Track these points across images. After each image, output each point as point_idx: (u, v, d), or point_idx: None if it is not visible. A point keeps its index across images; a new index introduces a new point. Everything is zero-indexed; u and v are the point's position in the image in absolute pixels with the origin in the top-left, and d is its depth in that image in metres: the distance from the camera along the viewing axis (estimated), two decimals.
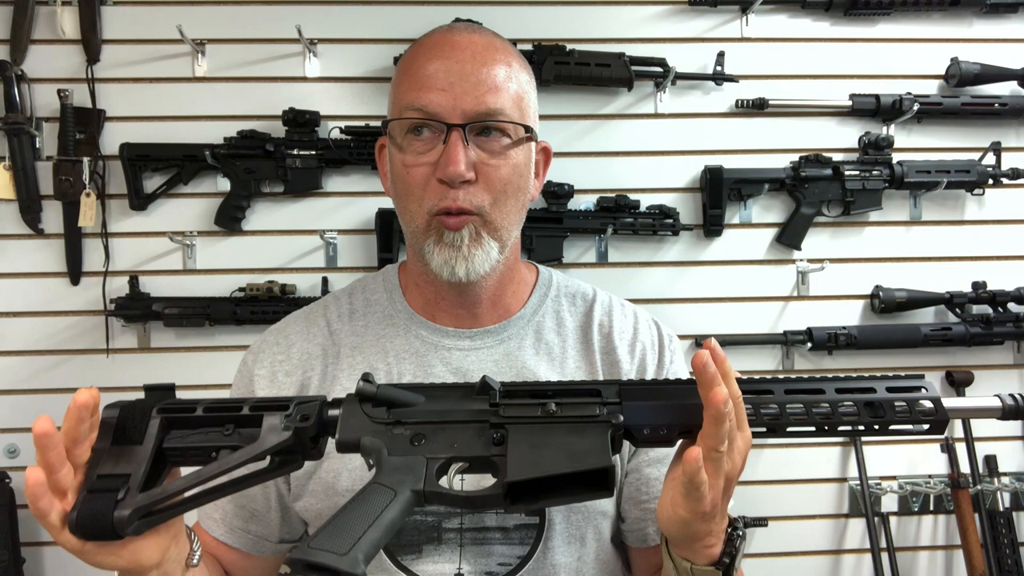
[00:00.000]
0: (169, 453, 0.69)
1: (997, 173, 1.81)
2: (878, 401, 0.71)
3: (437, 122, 0.84)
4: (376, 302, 0.98)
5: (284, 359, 0.95)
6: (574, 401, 0.71)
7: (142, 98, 1.74)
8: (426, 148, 0.85)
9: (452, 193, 0.83)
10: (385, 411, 0.71)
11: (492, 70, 0.85)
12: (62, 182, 1.68)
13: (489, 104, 0.84)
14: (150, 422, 0.68)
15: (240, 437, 0.68)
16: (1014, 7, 1.84)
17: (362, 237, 1.77)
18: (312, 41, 1.75)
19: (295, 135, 1.72)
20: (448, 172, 0.82)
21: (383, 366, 0.93)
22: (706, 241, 1.83)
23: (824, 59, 1.85)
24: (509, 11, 1.78)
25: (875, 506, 1.78)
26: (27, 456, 1.71)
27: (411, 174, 0.86)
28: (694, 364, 0.66)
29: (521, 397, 0.72)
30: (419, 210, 0.86)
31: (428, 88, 0.84)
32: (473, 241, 0.86)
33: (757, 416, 0.71)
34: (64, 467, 0.64)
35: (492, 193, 0.85)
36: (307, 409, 0.70)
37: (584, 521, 0.90)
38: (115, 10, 1.74)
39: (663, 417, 0.71)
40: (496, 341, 0.95)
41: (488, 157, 0.85)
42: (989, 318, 1.78)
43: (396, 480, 0.66)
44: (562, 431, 0.69)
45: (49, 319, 1.73)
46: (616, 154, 1.82)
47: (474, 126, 0.84)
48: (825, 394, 0.71)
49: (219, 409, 0.70)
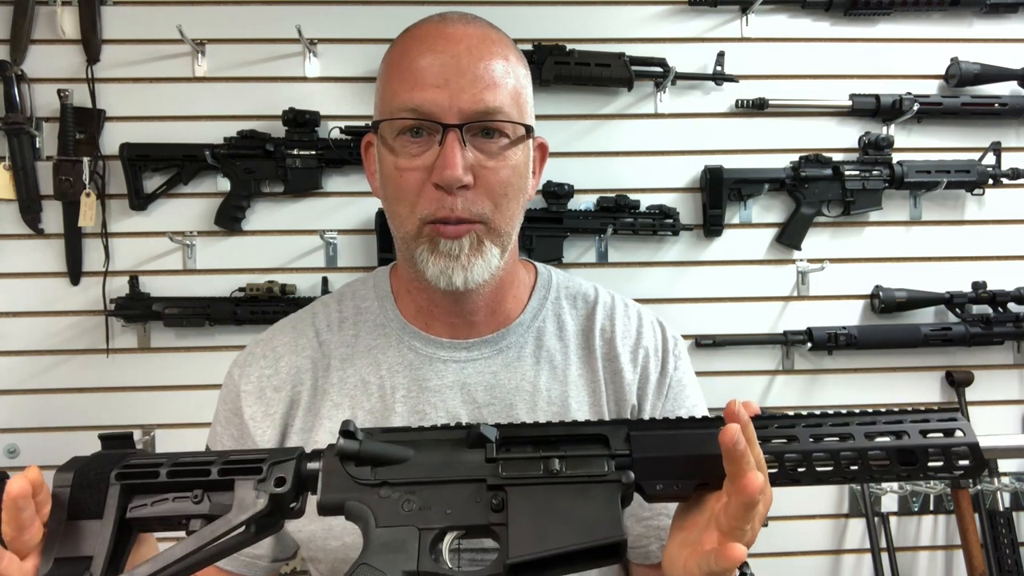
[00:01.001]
0: (134, 523, 0.63)
1: (997, 173, 1.81)
2: (911, 448, 0.64)
3: (432, 123, 0.78)
4: (367, 310, 0.93)
5: (272, 374, 0.90)
6: (579, 454, 0.64)
7: (142, 98, 1.74)
8: (420, 150, 0.79)
9: (449, 201, 0.78)
10: (370, 470, 0.64)
11: (489, 64, 0.79)
12: (62, 182, 1.68)
13: (488, 102, 0.78)
14: (109, 489, 0.62)
15: (211, 504, 0.62)
16: (1014, 7, 1.84)
17: (362, 237, 1.77)
18: (312, 41, 1.75)
19: (295, 135, 1.72)
20: (445, 177, 0.76)
21: (375, 379, 0.88)
22: (706, 241, 1.83)
23: (824, 59, 1.85)
24: (509, 11, 1.78)
25: (875, 506, 1.78)
26: (27, 456, 1.71)
27: (404, 178, 0.79)
28: (723, 442, 0.59)
29: (520, 446, 0.65)
30: (411, 216, 0.80)
31: (422, 86, 0.78)
32: (474, 250, 0.80)
33: (781, 469, 0.65)
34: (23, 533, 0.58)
35: (493, 198, 0.80)
36: (282, 470, 0.63)
37: None
38: (115, 10, 1.74)
39: (678, 471, 0.65)
40: (494, 351, 0.90)
41: (486, 159, 0.79)
42: (989, 318, 1.78)
43: (387, 561, 0.60)
44: (567, 494, 0.62)
45: (49, 319, 1.73)
46: (616, 154, 1.82)
47: (471, 126, 0.78)
48: (855, 440, 0.64)
49: (185, 473, 0.63)
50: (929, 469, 0.64)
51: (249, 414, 0.89)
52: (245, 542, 0.63)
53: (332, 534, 0.85)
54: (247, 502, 0.61)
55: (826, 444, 0.64)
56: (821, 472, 0.65)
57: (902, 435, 0.64)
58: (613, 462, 0.64)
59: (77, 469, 0.63)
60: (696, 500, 0.67)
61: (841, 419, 0.66)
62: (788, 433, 0.65)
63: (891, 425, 0.65)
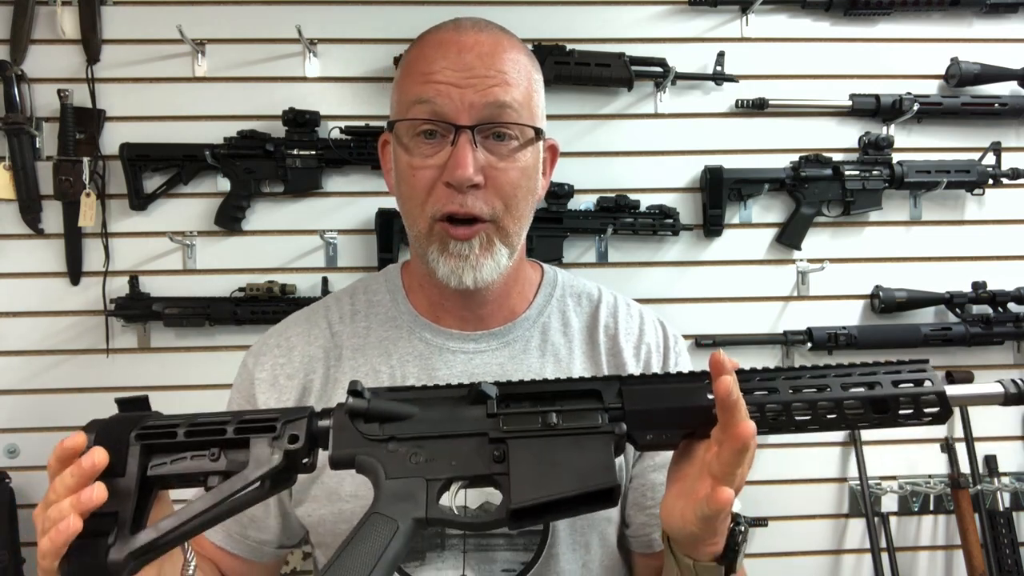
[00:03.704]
0: (154, 480, 0.66)
1: (997, 173, 1.81)
2: (883, 397, 0.68)
3: (445, 123, 0.81)
4: (379, 303, 0.97)
5: (285, 362, 0.93)
6: (575, 408, 0.68)
7: (142, 98, 1.74)
8: (433, 150, 0.82)
9: (459, 198, 0.81)
10: (378, 426, 0.67)
11: (501, 68, 0.83)
12: (62, 182, 1.68)
13: (498, 95, 0.81)
14: (129, 449, 0.65)
15: (227, 461, 0.66)
16: (1014, 7, 1.84)
17: (362, 237, 1.77)
18: (312, 41, 1.75)
19: (295, 135, 1.72)
20: (456, 176, 0.79)
21: (386, 368, 0.91)
22: (706, 241, 1.83)
23: (824, 59, 1.85)
24: (509, 11, 1.78)
25: (875, 506, 1.78)
26: (27, 456, 1.71)
27: (417, 177, 0.83)
28: (718, 392, 0.64)
29: (519, 402, 0.69)
30: (422, 214, 0.84)
31: (435, 88, 0.81)
32: (484, 250, 0.84)
33: (762, 417, 0.69)
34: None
35: (503, 198, 0.83)
36: (295, 428, 0.66)
37: (589, 528, 0.89)
38: (115, 10, 1.74)
39: (667, 421, 0.69)
40: (501, 344, 0.93)
41: (497, 160, 0.83)
42: (989, 318, 1.78)
43: (398, 510, 0.64)
44: (564, 444, 0.66)
45: (49, 319, 1.73)
46: (616, 154, 1.82)
47: (482, 128, 0.81)
48: (831, 391, 0.69)
49: (202, 432, 0.67)
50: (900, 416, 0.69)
51: (263, 400, 0.92)
52: (260, 496, 0.67)
53: (342, 518, 0.86)
54: (263, 458, 0.65)
55: (805, 395, 0.69)
56: (800, 420, 0.69)
57: (875, 386, 0.69)
58: (606, 415, 0.68)
59: (98, 430, 0.66)
60: (687, 452, 0.71)
61: (819, 372, 0.71)
62: (769, 385, 0.70)
63: (865, 376, 0.70)
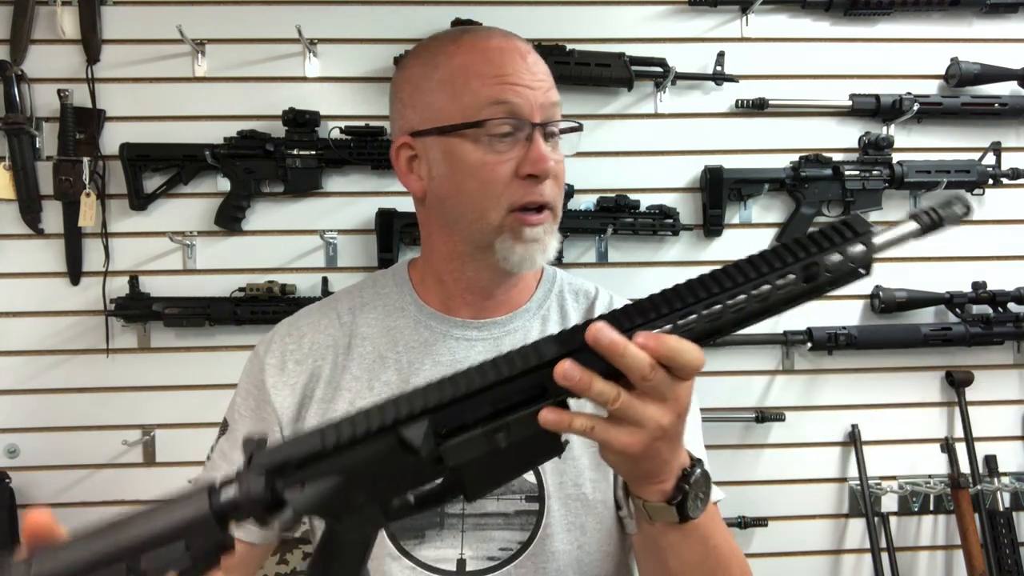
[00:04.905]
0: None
1: (997, 173, 1.81)
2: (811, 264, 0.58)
3: (525, 121, 0.88)
4: (387, 295, 1.01)
5: (295, 348, 0.97)
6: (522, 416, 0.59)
7: (142, 98, 1.74)
8: (508, 147, 0.88)
9: (539, 188, 0.88)
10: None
11: (546, 71, 0.92)
12: (62, 182, 1.68)
13: (553, 96, 0.91)
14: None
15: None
16: (1014, 7, 1.84)
17: (362, 237, 1.77)
18: (312, 41, 1.75)
19: (295, 135, 1.72)
20: (541, 168, 0.87)
21: (392, 355, 0.96)
22: (706, 241, 1.83)
23: (824, 59, 1.85)
24: (509, 11, 1.78)
25: (875, 506, 1.78)
26: (27, 456, 1.71)
27: (496, 171, 0.88)
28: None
29: (459, 429, 0.59)
30: (496, 206, 0.88)
31: (513, 90, 0.88)
32: (548, 235, 0.91)
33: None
34: None
35: (559, 188, 0.92)
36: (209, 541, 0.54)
37: (584, 510, 0.91)
38: (115, 10, 1.74)
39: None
40: (503, 332, 0.97)
41: (557, 155, 0.91)
42: (989, 318, 1.78)
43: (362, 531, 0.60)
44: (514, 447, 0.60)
45: (49, 319, 1.73)
46: (616, 154, 1.82)
47: (545, 125, 0.89)
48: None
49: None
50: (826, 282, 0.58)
51: (271, 383, 0.95)
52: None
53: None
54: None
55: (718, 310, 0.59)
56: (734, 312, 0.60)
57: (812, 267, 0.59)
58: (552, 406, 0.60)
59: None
60: None
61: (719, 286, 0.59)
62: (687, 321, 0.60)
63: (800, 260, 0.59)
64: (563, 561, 0.90)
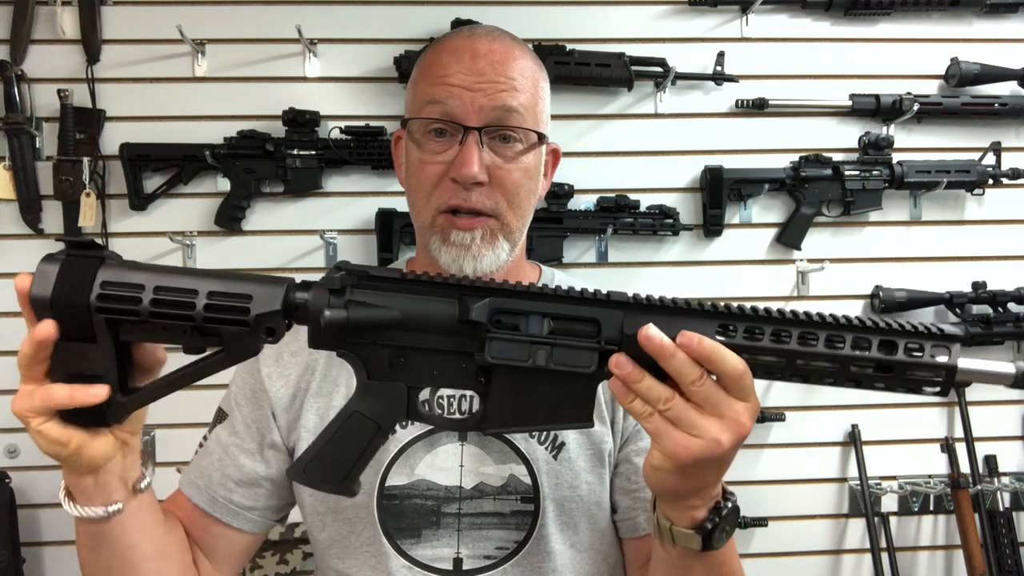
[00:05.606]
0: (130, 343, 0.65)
1: (997, 173, 1.81)
2: (894, 363, 0.60)
3: (454, 124, 0.86)
4: None
5: (291, 339, 0.95)
6: (568, 344, 0.62)
7: (142, 98, 1.74)
8: (442, 148, 0.88)
9: (463, 193, 0.86)
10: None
11: (510, 74, 0.88)
12: (62, 182, 1.68)
13: (505, 100, 0.87)
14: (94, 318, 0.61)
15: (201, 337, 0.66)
16: (1014, 7, 1.84)
17: (362, 237, 1.77)
18: (312, 41, 1.75)
19: (295, 135, 1.72)
20: (462, 173, 0.85)
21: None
22: (706, 241, 1.83)
23: (824, 59, 1.85)
24: (509, 11, 1.78)
25: (875, 506, 1.78)
26: (27, 456, 1.71)
27: (425, 171, 0.88)
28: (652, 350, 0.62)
29: (509, 329, 0.63)
30: (427, 206, 0.89)
31: (447, 90, 0.87)
32: (485, 242, 0.88)
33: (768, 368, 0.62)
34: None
35: (505, 196, 0.88)
36: (271, 320, 0.62)
37: (578, 510, 0.92)
38: (115, 10, 1.74)
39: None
40: None
41: (502, 162, 0.88)
42: (989, 318, 1.78)
43: (379, 412, 0.66)
44: (549, 380, 0.63)
45: None
46: (616, 154, 1.82)
47: (489, 130, 0.87)
48: (844, 347, 0.61)
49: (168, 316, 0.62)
50: (904, 381, 0.61)
51: (266, 372, 0.95)
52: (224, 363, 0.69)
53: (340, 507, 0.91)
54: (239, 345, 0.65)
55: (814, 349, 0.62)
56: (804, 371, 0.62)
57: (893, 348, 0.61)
58: (599, 356, 0.63)
59: (52, 301, 0.61)
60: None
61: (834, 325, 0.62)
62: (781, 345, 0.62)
63: (883, 335, 0.61)
64: (558, 561, 0.91)
